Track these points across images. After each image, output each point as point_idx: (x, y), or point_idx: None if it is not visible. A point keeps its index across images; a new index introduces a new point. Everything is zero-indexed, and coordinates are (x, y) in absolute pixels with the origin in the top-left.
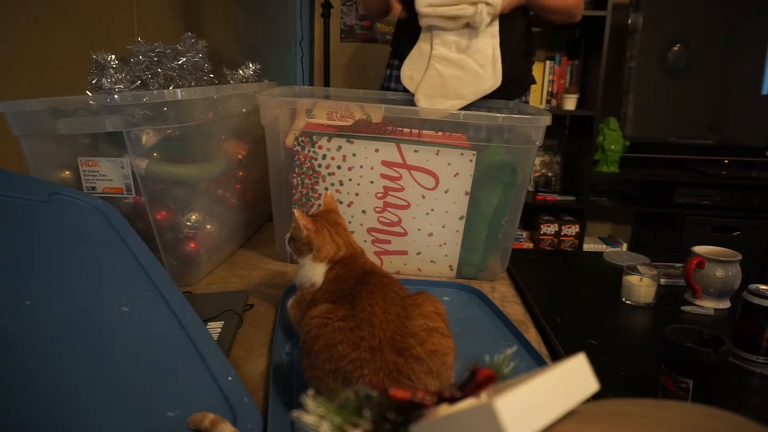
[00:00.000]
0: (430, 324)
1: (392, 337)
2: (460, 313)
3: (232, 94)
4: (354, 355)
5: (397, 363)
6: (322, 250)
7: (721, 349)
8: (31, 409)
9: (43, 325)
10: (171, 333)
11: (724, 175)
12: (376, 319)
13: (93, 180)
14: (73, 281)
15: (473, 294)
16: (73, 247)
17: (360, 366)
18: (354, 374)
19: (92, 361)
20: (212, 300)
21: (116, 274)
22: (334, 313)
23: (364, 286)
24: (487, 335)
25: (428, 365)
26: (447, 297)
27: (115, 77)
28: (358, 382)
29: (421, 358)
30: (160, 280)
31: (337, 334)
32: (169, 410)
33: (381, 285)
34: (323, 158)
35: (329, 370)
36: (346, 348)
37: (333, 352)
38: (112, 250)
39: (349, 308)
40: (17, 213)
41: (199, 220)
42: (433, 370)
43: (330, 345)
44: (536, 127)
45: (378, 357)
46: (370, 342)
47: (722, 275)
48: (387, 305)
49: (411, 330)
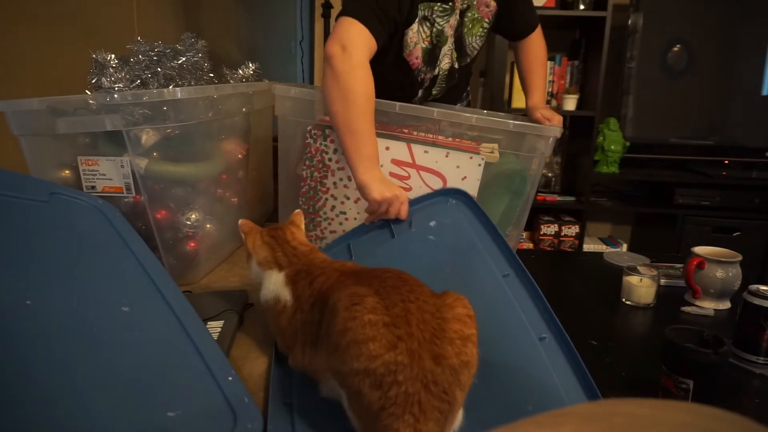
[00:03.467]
0: (465, 331)
1: (431, 341)
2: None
3: (231, 93)
4: (389, 357)
5: (435, 373)
6: (257, 253)
7: (721, 350)
8: (31, 409)
9: (44, 325)
10: (171, 333)
11: (724, 175)
12: (413, 317)
13: (93, 179)
14: (74, 281)
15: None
16: (73, 247)
17: (394, 371)
18: (386, 379)
19: (92, 361)
20: (212, 299)
21: (117, 274)
22: (362, 301)
23: (382, 281)
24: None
25: (459, 378)
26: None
27: (114, 76)
28: (390, 388)
29: (456, 369)
30: (160, 280)
31: (368, 329)
32: (169, 410)
33: (401, 279)
34: (334, 152)
35: (357, 369)
36: (379, 347)
37: (363, 349)
38: (112, 250)
39: (378, 299)
40: (18, 213)
41: (199, 219)
42: (462, 383)
43: (359, 341)
44: (545, 138)
45: (416, 363)
46: (408, 344)
47: (722, 276)
48: (420, 302)
49: (448, 335)
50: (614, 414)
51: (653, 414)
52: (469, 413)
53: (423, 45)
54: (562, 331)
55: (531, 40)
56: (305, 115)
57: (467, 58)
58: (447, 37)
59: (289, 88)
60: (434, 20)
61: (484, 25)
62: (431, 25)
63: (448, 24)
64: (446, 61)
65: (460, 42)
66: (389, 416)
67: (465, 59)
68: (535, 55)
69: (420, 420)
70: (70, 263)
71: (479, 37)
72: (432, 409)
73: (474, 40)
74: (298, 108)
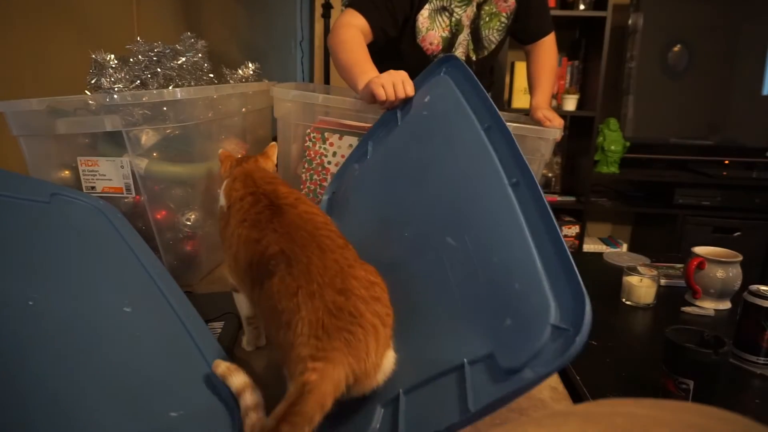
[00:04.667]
0: (371, 278)
1: (332, 281)
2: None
3: (231, 93)
4: (291, 304)
5: (339, 302)
6: (222, 164)
7: (721, 350)
8: (33, 409)
9: (45, 326)
10: (173, 333)
11: (724, 175)
12: (314, 267)
13: (92, 180)
14: (75, 282)
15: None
16: (74, 248)
17: (297, 311)
18: (293, 321)
19: (94, 361)
20: (213, 300)
21: (118, 275)
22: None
23: (291, 240)
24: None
25: (373, 308)
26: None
27: (114, 77)
28: (297, 326)
29: (365, 299)
30: (161, 280)
31: (275, 296)
32: (171, 410)
33: (312, 236)
34: (333, 155)
35: (273, 325)
36: (284, 302)
37: (274, 312)
38: (113, 251)
39: (285, 265)
40: (19, 214)
41: (199, 219)
42: (378, 313)
43: (272, 308)
44: (545, 140)
45: (318, 298)
46: (307, 288)
47: (723, 276)
48: (324, 253)
49: (353, 273)
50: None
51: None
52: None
53: (443, 34)
54: (532, 177)
55: (543, 46)
56: (304, 118)
57: (484, 50)
58: (463, 26)
59: (288, 91)
60: (453, 10)
61: (502, 20)
62: (450, 15)
63: (465, 14)
64: (461, 50)
65: (476, 34)
66: (299, 346)
67: (482, 51)
68: (545, 61)
69: (323, 339)
70: (71, 264)
71: (497, 31)
72: (338, 330)
73: (491, 33)
74: (297, 110)
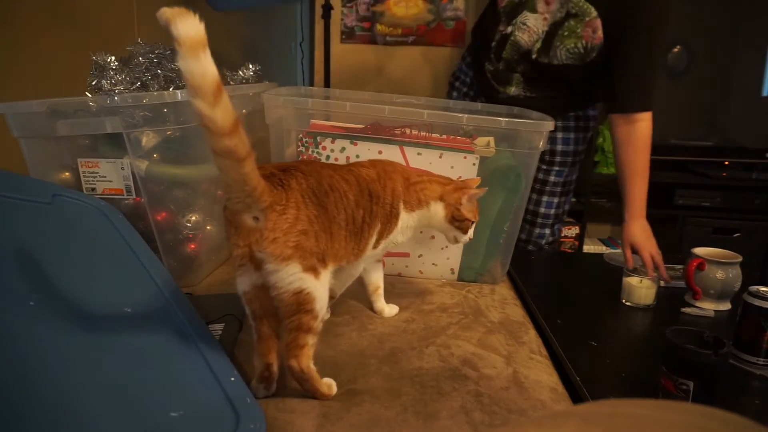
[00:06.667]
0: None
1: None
2: None
3: (232, 95)
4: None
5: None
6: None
7: (721, 351)
8: (34, 408)
9: (47, 326)
10: (174, 333)
11: (724, 176)
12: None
13: (93, 181)
14: (76, 282)
15: None
16: (76, 248)
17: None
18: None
19: (95, 361)
20: (213, 302)
21: (119, 275)
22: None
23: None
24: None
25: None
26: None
27: (114, 78)
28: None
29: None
30: (162, 281)
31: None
32: (171, 410)
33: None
34: (326, 159)
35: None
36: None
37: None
38: (114, 252)
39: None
40: (21, 214)
41: (199, 221)
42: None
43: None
44: (539, 132)
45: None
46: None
47: (722, 277)
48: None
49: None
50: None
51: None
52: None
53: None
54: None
55: (636, 127)
56: (296, 123)
57: (546, 59)
58: (534, 6)
59: (278, 97)
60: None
61: (578, 46)
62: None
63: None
64: (525, 34)
65: (550, 37)
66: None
67: (544, 58)
68: (636, 149)
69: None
70: (73, 264)
71: (568, 52)
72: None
73: (561, 50)
74: (288, 116)
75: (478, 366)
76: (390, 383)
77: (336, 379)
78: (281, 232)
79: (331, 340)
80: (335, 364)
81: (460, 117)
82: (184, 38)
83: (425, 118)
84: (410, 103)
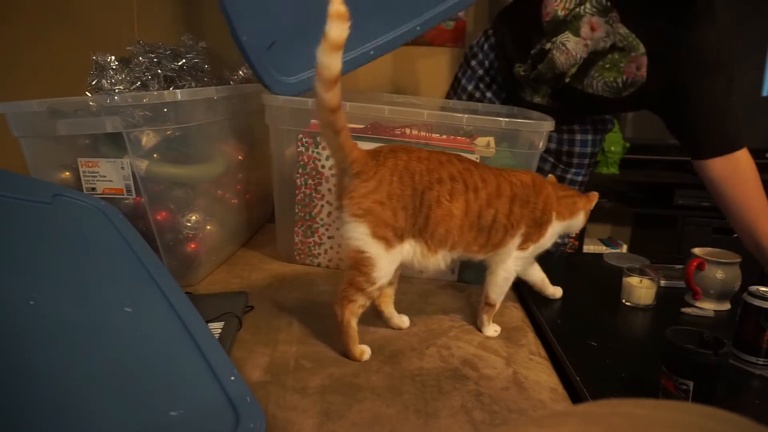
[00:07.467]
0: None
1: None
2: None
3: (232, 94)
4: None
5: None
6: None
7: (721, 351)
8: (34, 408)
9: (47, 325)
10: (174, 333)
11: None
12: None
13: (93, 181)
14: (77, 282)
15: None
16: (76, 248)
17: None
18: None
19: (95, 361)
20: (213, 301)
21: (119, 275)
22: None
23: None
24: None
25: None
26: None
27: (115, 78)
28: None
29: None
30: (162, 281)
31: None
32: (171, 409)
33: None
34: (327, 159)
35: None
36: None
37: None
38: (115, 251)
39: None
40: (21, 214)
41: (200, 220)
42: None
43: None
44: (539, 133)
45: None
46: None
47: (722, 277)
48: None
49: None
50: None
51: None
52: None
53: (559, 11)
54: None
55: (738, 163)
56: (296, 123)
57: (579, 85)
58: (577, 29)
59: (278, 97)
60: (584, 4)
61: (618, 80)
62: (579, 4)
63: (588, 22)
64: (558, 54)
65: (587, 64)
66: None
67: (577, 84)
68: (748, 180)
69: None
70: (72, 264)
71: (606, 84)
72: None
73: (599, 81)
74: (288, 116)
75: (479, 366)
76: (391, 382)
77: (336, 378)
78: (358, 195)
79: (333, 342)
80: (335, 363)
81: (460, 117)
82: (331, 37)
83: (425, 118)
84: (410, 103)
